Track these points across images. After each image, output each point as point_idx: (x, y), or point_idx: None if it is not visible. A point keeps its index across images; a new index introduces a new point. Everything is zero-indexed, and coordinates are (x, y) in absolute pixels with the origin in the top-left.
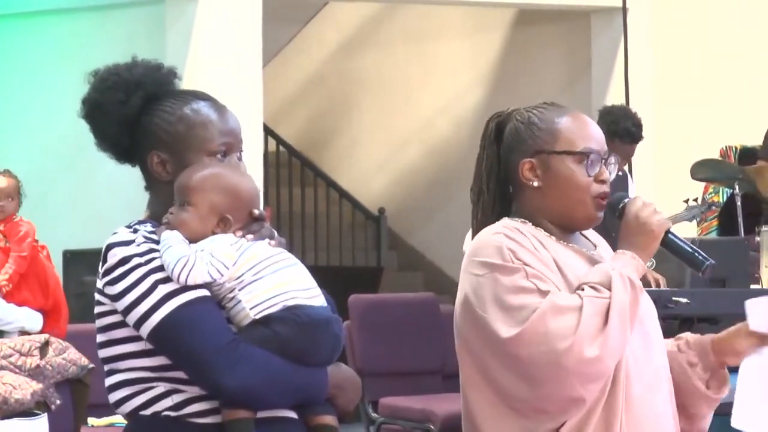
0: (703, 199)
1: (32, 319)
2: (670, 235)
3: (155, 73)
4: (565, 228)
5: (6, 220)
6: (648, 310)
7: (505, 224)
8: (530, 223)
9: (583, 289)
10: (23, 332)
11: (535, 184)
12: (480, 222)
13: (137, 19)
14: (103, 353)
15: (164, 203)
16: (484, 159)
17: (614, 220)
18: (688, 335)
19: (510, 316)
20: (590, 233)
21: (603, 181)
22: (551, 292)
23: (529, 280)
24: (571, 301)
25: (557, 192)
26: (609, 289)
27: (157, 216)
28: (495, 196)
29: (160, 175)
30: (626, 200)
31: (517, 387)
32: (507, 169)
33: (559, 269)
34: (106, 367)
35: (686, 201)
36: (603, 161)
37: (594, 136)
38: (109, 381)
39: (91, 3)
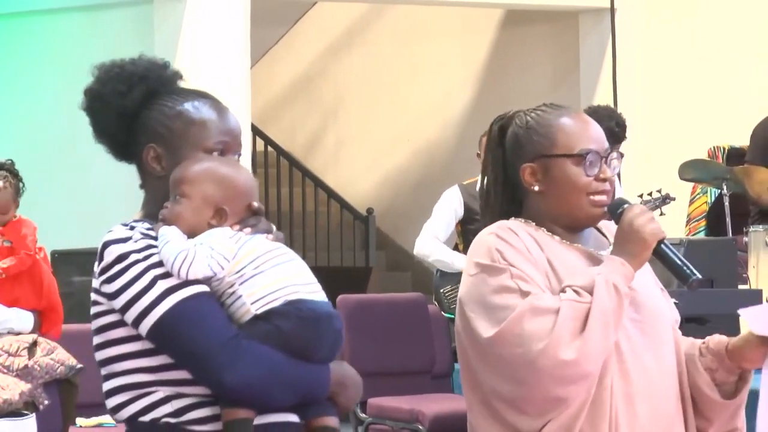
0: (659, 192)
1: (22, 320)
2: (662, 245)
3: (160, 70)
4: (570, 228)
5: (7, 223)
6: (655, 311)
7: (500, 224)
8: (534, 224)
9: (565, 292)
10: (12, 332)
11: (536, 188)
12: (489, 225)
13: (125, 19)
14: (100, 355)
15: (158, 201)
16: (490, 162)
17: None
18: (711, 339)
19: (490, 316)
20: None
21: (603, 180)
22: (532, 293)
23: (513, 281)
24: (551, 303)
25: (557, 195)
26: (592, 294)
27: (151, 215)
28: (502, 199)
29: (154, 170)
30: (625, 206)
31: (499, 386)
32: (513, 173)
33: (554, 270)
34: (102, 371)
35: (641, 196)
36: (604, 159)
37: (593, 136)
38: (107, 386)
39: (79, 3)
